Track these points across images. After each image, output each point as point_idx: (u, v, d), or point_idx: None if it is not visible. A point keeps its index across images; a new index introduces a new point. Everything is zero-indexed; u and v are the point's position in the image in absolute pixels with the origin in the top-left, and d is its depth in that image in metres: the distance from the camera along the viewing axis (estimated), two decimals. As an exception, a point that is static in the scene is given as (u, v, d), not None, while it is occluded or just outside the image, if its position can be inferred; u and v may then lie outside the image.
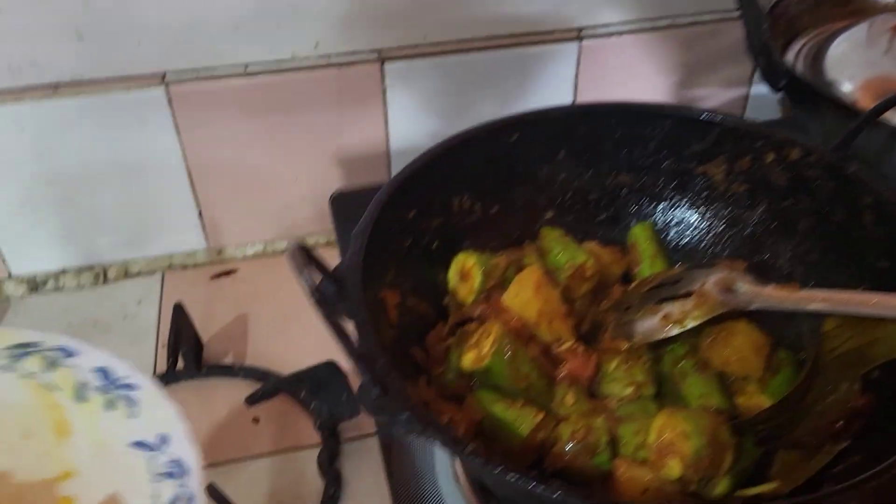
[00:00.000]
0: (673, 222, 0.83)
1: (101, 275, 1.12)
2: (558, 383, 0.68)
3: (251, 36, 0.98)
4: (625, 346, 0.68)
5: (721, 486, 0.60)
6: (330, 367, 0.90)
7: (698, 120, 0.79)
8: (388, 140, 1.10)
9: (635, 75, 1.13)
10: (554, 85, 1.10)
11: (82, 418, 0.58)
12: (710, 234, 0.82)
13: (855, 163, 0.71)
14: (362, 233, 0.66)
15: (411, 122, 1.09)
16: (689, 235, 0.83)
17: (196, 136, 1.02)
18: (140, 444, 0.55)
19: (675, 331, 0.68)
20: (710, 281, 0.68)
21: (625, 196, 0.83)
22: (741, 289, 0.67)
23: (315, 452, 0.88)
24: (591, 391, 0.69)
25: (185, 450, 0.54)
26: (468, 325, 0.71)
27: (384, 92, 1.05)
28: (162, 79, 0.98)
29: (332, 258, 1.13)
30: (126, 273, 1.13)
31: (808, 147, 0.74)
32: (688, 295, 0.69)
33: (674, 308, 0.68)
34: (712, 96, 1.18)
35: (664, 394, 0.69)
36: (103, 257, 1.11)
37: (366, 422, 0.89)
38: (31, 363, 0.60)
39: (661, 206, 0.83)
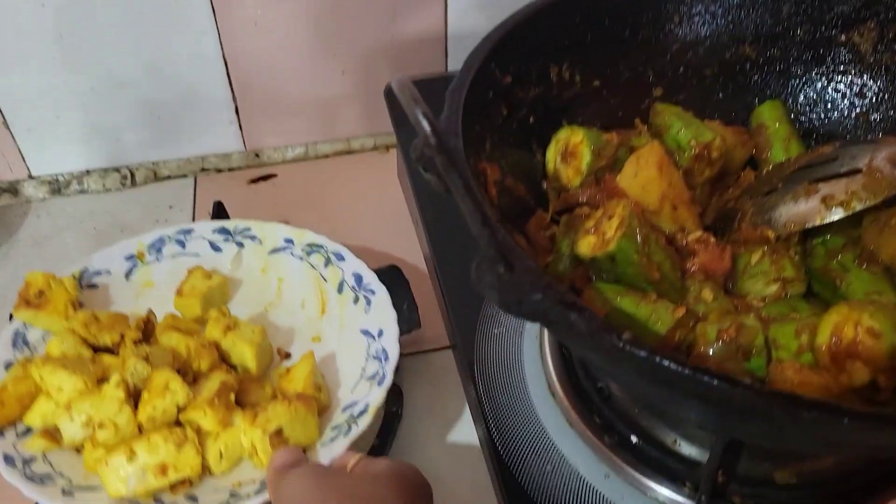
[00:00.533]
0: (805, 102, 0.71)
1: (128, 177, 1.00)
2: (689, 277, 0.56)
3: None
4: (771, 234, 0.56)
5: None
6: (393, 273, 0.79)
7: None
8: (446, 25, 0.97)
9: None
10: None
11: (337, 304, 0.77)
12: (853, 115, 0.69)
13: None
14: (458, 90, 0.54)
15: (475, 8, 0.95)
16: (825, 117, 0.70)
17: (235, 18, 0.90)
18: (366, 332, 0.73)
19: (839, 215, 0.55)
20: (880, 156, 0.56)
21: (749, 71, 0.71)
22: None
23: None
24: (727, 289, 0.58)
25: (392, 345, 0.70)
26: (578, 210, 0.60)
27: (445, -29, 0.92)
28: (196, -51, 0.85)
29: (385, 165, 1.04)
30: (155, 176, 1.01)
31: None
32: (852, 173, 0.56)
33: (835, 188, 0.56)
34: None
35: (816, 293, 0.57)
36: (130, 158, 1.00)
37: (426, 336, 0.79)
38: (316, 258, 0.79)
39: (792, 83, 0.71)
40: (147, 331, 0.73)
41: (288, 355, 0.76)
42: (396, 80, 0.41)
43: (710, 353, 0.51)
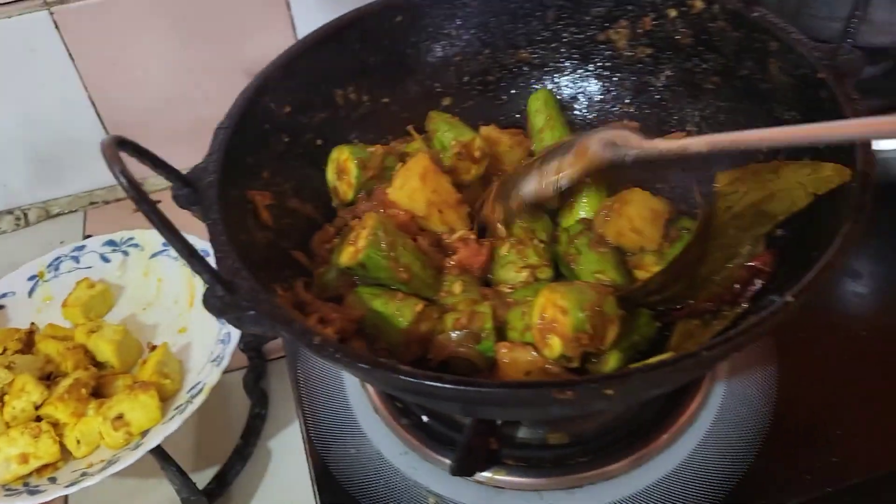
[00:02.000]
0: (578, 96, 0.78)
1: (21, 218, 1.08)
2: (446, 273, 0.64)
3: (131, -56, 0.92)
4: (500, 214, 0.64)
5: (611, 362, 0.56)
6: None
7: (597, -22, 0.73)
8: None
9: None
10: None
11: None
12: (617, 106, 0.76)
13: (758, 8, 0.65)
14: (223, 130, 0.61)
15: (322, 22, 1.02)
16: (596, 108, 0.77)
17: (92, 60, 0.97)
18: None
19: (551, 185, 0.63)
20: (594, 137, 0.63)
21: (526, 73, 0.78)
22: (622, 142, 0.61)
23: (241, 374, 0.86)
24: (487, 280, 0.65)
25: (234, 329, 0.75)
26: (352, 223, 0.67)
27: (286, -7, 0.98)
28: (44, 1, 0.92)
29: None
30: (47, 214, 1.09)
31: (711, -4, 0.67)
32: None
33: (552, 166, 0.63)
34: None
35: (562, 276, 0.65)
36: (21, 199, 1.07)
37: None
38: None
39: (564, 81, 0.78)
40: (30, 341, 0.81)
41: (155, 348, 0.82)
42: (103, 141, 0.48)
43: (452, 338, 0.59)
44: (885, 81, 0.90)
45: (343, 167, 0.69)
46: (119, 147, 0.49)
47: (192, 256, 0.48)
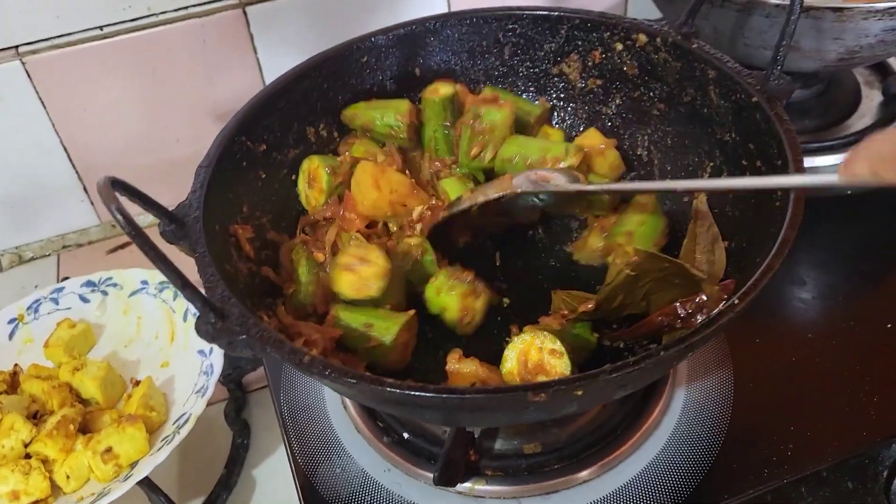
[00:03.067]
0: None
1: (-5, 263, 1.09)
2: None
3: (101, -6, 0.95)
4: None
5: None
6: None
7: (547, 17, 0.78)
8: (263, 82, 1.07)
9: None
10: (427, 8, 1.08)
11: (183, 331, 0.86)
12: (573, 134, 0.81)
13: (696, 39, 0.71)
14: (204, 169, 0.65)
15: (288, 64, 1.06)
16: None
17: (64, 107, 0.99)
18: (201, 352, 0.82)
19: (467, 203, 0.70)
20: (525, 173, 0.70)
21: (486, 107, 0.82)
22: (542, 179, 0.68)
23: (223, 406, 0.88)
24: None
25: (217, 360, 0.79)
26: (319, 224, 0.72)
27: (252, 38, 1.02)
28: (16, 51, 0.94)
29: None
30: (20, 259, 1.10)
31: (653, 30, 0.74)
32: None
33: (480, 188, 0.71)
34: (593, 3, 1.17)
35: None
36: (-6, 245, 1.08)
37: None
38: (167, 293, 0.89)
39: (523, 111, 0.83)
40: (14, 382, 0.83)
41: (138, 383, 0.84)
42: (99, 182, 0.51)
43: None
44: (818, 102, 0.97)
45: (314, 175, 0.73)
46: (113, 187, 0.52)
47: (185, 287, 0.51)
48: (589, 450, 0.68)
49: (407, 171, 0.76)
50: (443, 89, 0.78)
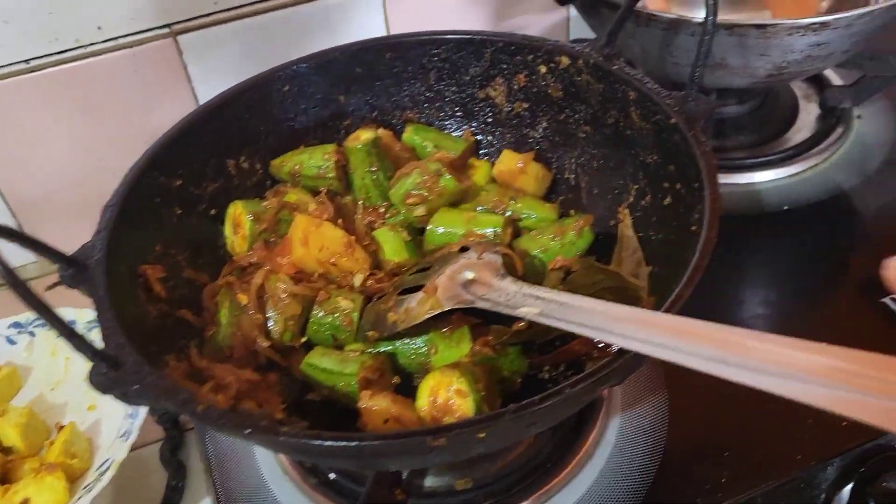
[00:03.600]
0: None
1: (-72, 306, 1.06)
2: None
3: (25, 28, 0.93)
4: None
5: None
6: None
7: (471, 41, 0.77)
8: (199, 112, 1.05)
9: (448, 11, 1.10)
10: (365, 32, 1.07)
11: None
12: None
13: (617, 61, 0.70)
14: (110, 208, 0.63)
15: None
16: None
17: (-8, 143, 0.97)
18: None
19: (389, 336, 0.65)
20: (447, 272, 0.64)
21: (413, 131, 0.81)
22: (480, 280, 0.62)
23: (159, 446, 0.86)
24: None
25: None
26: (246, 270, 0.70)
27: (185, 67, 1.01)
28: (-61, 87, 0.92)
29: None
30: (-45, 299, 1.07)
31: (575, 52, 0.72)
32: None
33: (403, 306, 0.65)
34: (532, 24, 1.16)
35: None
36: (-74, 286, 1.05)
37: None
38: (96, 333, 0.80)
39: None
40: None
41: (63, 428, 0.82)
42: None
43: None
44: (755, 118, 0.97)
45: (237, 221, 0.72)
46: (-4, 234, 0.50)
47: (71, 336, 0.49)
48: (521, 483, 0.66)
49: (340, 221, 0.73)
50: (364, 135, 0.76)
